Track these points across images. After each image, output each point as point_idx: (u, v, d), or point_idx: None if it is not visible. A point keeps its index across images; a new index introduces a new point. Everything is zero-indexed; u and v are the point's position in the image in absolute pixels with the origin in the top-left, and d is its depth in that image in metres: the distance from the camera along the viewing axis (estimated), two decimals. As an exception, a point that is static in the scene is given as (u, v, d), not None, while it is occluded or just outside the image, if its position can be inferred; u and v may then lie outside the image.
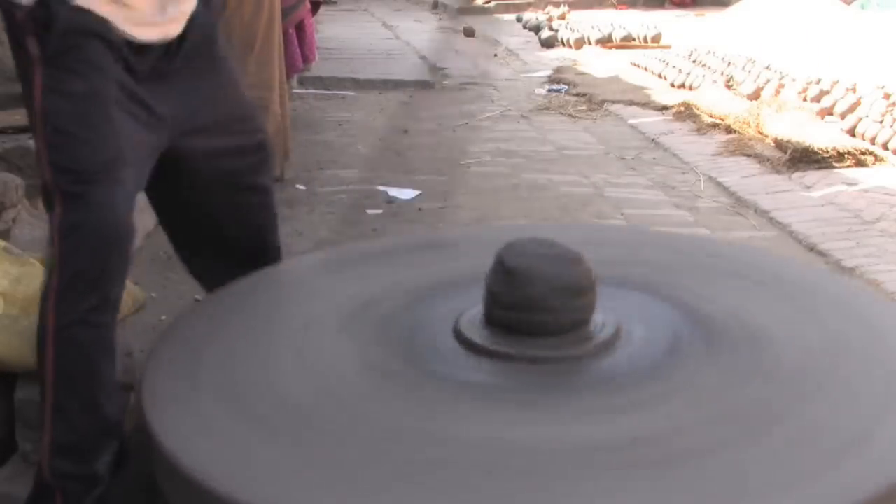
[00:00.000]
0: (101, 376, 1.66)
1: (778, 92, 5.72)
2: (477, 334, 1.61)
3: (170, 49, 1.75)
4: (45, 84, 1.60)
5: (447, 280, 1.89)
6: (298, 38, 4.66)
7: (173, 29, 1.73)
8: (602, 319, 1.63)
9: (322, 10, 11.24)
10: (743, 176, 4.50)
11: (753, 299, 1.80)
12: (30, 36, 1.60)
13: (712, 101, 5.75)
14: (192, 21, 1.77)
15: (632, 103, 6.10)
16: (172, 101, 1.75)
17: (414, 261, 2.05)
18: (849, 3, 8.03)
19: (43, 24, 1.59)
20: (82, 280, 1.61)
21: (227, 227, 1.98)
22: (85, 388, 1.65)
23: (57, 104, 1.60)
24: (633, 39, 8.42)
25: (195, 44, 1.79)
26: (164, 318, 2.75)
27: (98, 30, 1.61)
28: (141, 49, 1.68)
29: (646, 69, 7.06)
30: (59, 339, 1.63)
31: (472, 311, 1.67)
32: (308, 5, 4.75)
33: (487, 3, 11.76)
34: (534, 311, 1.56)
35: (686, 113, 5.64)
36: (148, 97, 1.70)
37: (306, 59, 4.90)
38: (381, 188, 4.29)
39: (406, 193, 4.23)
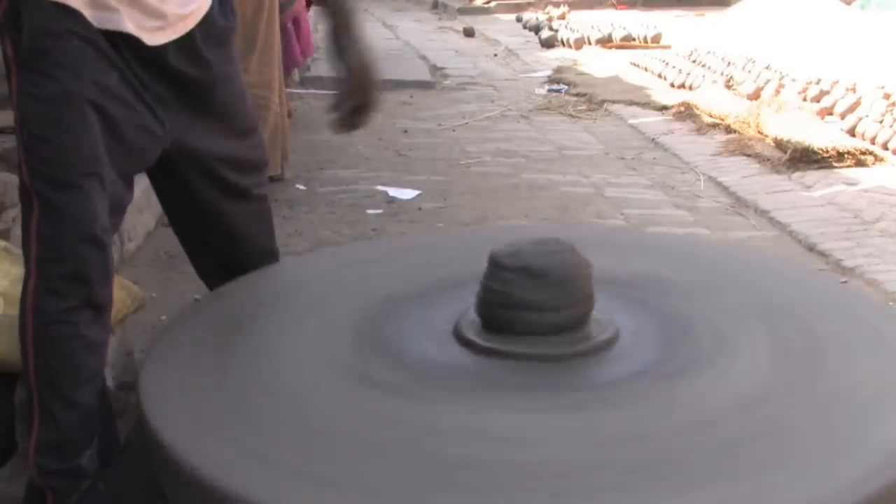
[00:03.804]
0: (82, 372, 1.66)
1: (778, 92, 5.72)
2: (480, 337, 1.60)
3: (179, 48, 1.72)
4: (20, 88, 1.59)
5: (447, 280, 1.88)
6: (295, 33, 4.67)
7: (179, 28, 1.71)
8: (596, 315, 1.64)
9: (322, 9, 11.26)
10: (743, 176, 4.50)
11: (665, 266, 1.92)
12: (6, 37, 1.59)
13: (712, 101, 5.75)
14: (207, 22, 1.75)
15: (632, 103, 6.10)
16: (177, 99, 1.74)
17: (407, 264, 2.04)
18: (849, 3, 8.03)
19: (14, 26, 1.57)
20: (59, 283, 1.61)
21: (226, 230, 1.96)
22: (66, 385, 1.65)
23: (31, 108, 1.59)
24: (633, 39, 8.42)
25: (208, 46, 1.76)
26: (164, 318, 2.75)
27: (73, 28, 1.58)
28: (147, 49, 1.67)
29: (646, 69, 7.06)
30: (38, 338, 1.63)
31: (469, 314, 1.66)
32: (303, 1, 4.76)
33: (487, 3, 11.77)
34: (533, 311, 1.56)
35: (686, 113, 5.64)
36: (144, 92, 1.68)
37: (304, 54, 4.90)
38: (381, 188, 4.29)
39: (406, 193, 4.23)
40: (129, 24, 1.63)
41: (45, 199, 1.60)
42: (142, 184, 2.00)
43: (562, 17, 9.92)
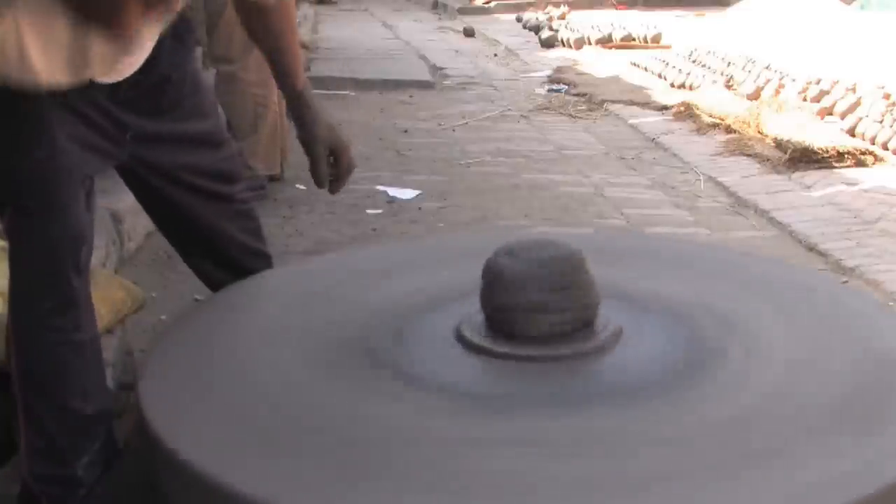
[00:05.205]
0: (69, 377, 1.63)
1: (778, 92, 5.72)
2: (484, 340, 1.60)
3: (136, 79, 1.69)
4: None
5: (447, 283, 1.88)
6: None
7: (127, 71, 1.66)
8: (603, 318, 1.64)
9: (322, 9, 11.26)
10: (743, 176, 4.49)
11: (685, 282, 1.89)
12: None
13: (712, 101, 5.75)
14: (160, 55, 1.71)
15: (632, 103, 6.10)
16: (138, 111, 1.71)
17: (408, 267, 2.04)
18: (849, 3, 8.04)
19: None
20: (34, 284, 1.60)
21: (210, 233, 1.95)
22: (51, 389, 1.63)
23: None
24: (633, 39, 8.41)
25: (164, 76, 1.74)
26: (164, 317, 2.75)
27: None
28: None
29: (646, 69, 7.06)
30: (20, 342, 1.62)
31: (474, 318, 1.65)
32: None
33: (487, 3, 11.77)
34: (536, 313, 1.55)
35: (686, 113, 5.63)
36: (104, 102, 1.65)
37: None
38: (381, 188, 4.29)
39: (406, 193, 4.22)
40: None
41: (13, 203, 1.59)
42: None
43: (562, 17, 9.91)
